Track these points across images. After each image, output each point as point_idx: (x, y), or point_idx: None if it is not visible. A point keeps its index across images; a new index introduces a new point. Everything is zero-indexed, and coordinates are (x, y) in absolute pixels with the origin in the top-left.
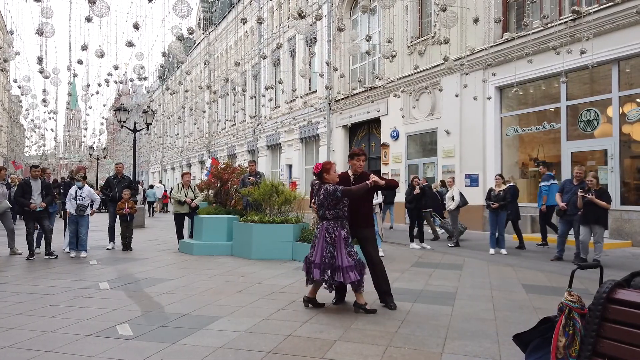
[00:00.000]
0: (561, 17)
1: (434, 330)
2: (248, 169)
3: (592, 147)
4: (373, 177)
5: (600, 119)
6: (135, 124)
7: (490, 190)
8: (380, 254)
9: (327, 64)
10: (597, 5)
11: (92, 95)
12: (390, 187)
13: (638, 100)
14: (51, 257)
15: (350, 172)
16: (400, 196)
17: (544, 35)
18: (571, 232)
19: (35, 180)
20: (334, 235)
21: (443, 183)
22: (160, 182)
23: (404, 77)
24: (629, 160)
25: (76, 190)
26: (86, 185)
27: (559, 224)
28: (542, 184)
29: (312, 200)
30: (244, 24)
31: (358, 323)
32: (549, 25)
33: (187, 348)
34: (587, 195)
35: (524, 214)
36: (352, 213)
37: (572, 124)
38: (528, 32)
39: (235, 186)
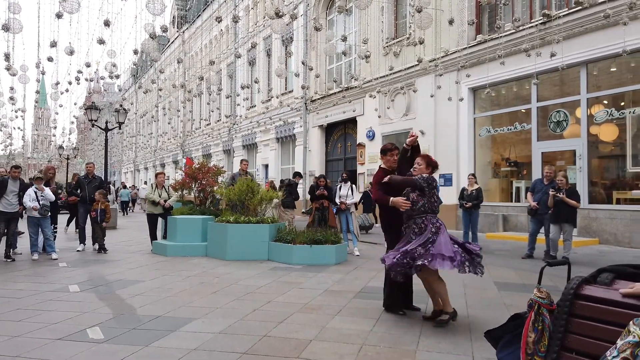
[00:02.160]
0: (532, 20)
1: (408, 328)
2: (240, 168)
3: (562, 147)
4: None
5: (569, 120)
6: (107, 122)
7: (463, 189)
8: (356, 253)
9: (303, 63)
10: (567, 9)
11: (61, 93)
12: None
13: (605, 102)
14: (8, 260)
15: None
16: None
17: (515, 37)
18: (541, 230)
19: (14, 180)
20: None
21: None
22: (146, 183)
23: (380, 77)
24: (596, 161)
25: (35, 191)
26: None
27: (530, 223)
28: None
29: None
30: (219, 22)
31: (333, 322)
32: (521, 28)
33: (160, 350)
34: (558, 195)
35: (495, 213)
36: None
37: (542, 124)
38: (500, 35)
39: (210, 186)
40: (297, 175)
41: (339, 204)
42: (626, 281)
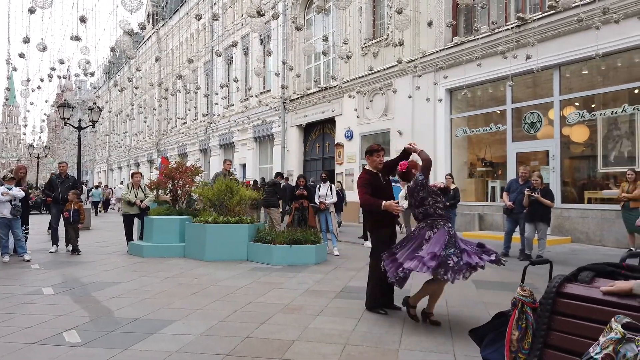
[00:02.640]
0: (507, 23)
1: (390, 327)
2: (223, 167)
3: (535, 148)
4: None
5: (543, 121)
6: (80, 121)
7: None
8: (336, 253)
9: (283, 62)
10: (541, 12)
11: (33, 90)
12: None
13: (577, 104)
14: None
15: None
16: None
17: (491, 40)
18: (517, 229)
19: None
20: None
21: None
22: (122, 183)
23: (358, 77)
24: (568, 161)
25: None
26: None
27: (506, 222)
28: None
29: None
30: (198, 20)
31: (316, 323)
32: (496, 30)
33: (140, 354)
34: (533, 195)
35: (472, 212)
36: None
37: (517, 125)
38: (477, 37)
39: (188, 186)
40: (279, 175)
41: (317, 203)
42: (606, 279)
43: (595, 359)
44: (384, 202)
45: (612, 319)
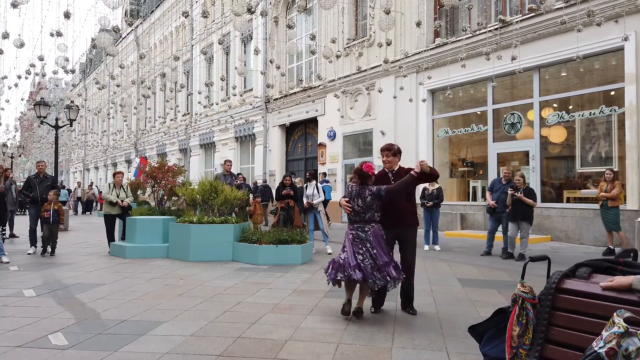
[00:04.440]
0: (489, 25)
1: (381, 325)
2: (223, 168)
3: (516, 148)
4: (420, 164)
5: (523, 122)
6: (57, 120)
7: (424, 189)
8: (329, 251)
9: (271, 61)
10: (521, 15)
11: (9, 88)
12: (434, 176)
13: (555, 105)
14: None
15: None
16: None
17: (472, 41)
18: (499, 228)
19: None
20: (370, 235)
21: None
22: (92, 183)
23: (341, 77)
24: (547, 161)
25: None
26: None
27: (489, 221)
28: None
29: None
30: (185, 17)
31: (307, 322)
32: (477, 32)
33: (131, 355)
34: (516, 194)
35: (454, 212)
36: (396, 212)
37: (497, 126)
38: (458, 38)
39: (170, 185)
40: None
41: (305, 203)
42: (603, 275)
43: (599, 353)
44: (341, 198)
45: (614, 314)
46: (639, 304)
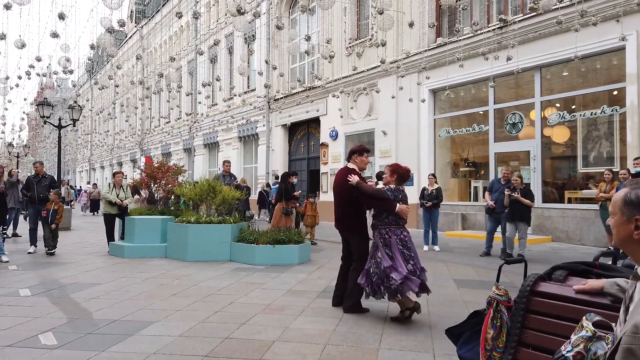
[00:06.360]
0: (489, 25)
1: (370, 326)
2: (222, 169)
3: (517, 148)
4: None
5: (524, 122)
6: (60, 119)
7: (424, 189)
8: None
9: (266, 62)
10: (522, 14)
11: (11, 88)
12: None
13: (557, 105)
14: None
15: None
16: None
17: (473, 41)
18: (499, 229)
19: None
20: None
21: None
22: (88, 183)
23: (343, 77)
24: (549, 161)
25: None
26: None
27: (488, 221)
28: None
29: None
30: (179, 18)
31: (297, 323)
32: (479, 32)
33: (117, 355)
34: (513, 194)
35: (454, 212)
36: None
37: (499, 126)
38: (459, 38)
39: (170, 185)
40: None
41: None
42: (579, 278)
43: (566, 357)
44: (398, 205)
45: (584, 317)
46: (610, 307)
